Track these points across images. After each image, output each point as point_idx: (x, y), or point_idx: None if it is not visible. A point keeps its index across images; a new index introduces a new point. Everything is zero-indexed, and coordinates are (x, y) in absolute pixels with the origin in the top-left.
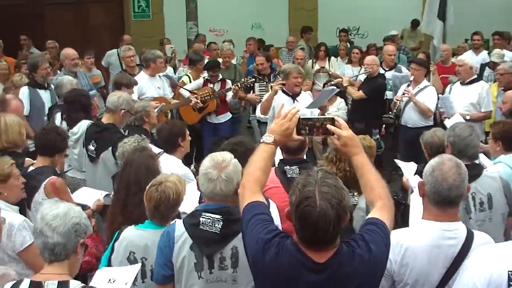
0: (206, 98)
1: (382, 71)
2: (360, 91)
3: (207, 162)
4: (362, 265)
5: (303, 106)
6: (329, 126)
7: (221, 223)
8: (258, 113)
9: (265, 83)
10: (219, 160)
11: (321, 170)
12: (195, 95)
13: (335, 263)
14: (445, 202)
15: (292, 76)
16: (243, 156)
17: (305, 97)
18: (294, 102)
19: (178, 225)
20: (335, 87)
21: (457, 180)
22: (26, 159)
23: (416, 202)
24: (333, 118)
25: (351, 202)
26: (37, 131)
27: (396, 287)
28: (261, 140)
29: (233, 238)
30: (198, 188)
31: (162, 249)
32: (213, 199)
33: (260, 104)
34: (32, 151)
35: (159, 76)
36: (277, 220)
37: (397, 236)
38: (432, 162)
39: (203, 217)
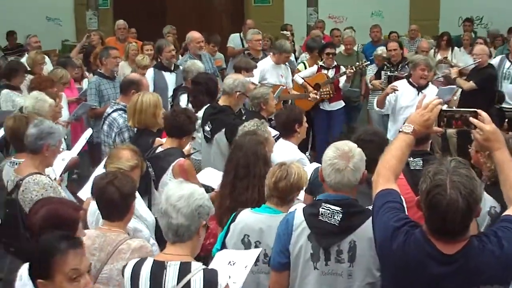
0: (325, 96)
1: (508, 64)
2: (471, 82)
3: (332, 152)
4: (492, 261)
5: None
6: (471, 119)
7: (341, 215)
8: (375, 105)
9: (390, 70)
10: (345, 149)
11: (454, 160)
12: (314, 91)
13: (463, 256)
14: None
15: (419, 68)
16: (381, 147)
17: (431, 91)
18: (418, 94)
19: (298, 213)
20: (454, 86)
21: None
22: (157, 139)
23: None
24: (475, 111)
25: (483, 194)
26: None
27: None
28: (400, 129)
29: (352, 231)
30: None
31: (281, 236)
32: (340, 190)
33: (377, 97)
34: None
35: (286, 64)
36: None
37: None
38: None
39: (322, 208)
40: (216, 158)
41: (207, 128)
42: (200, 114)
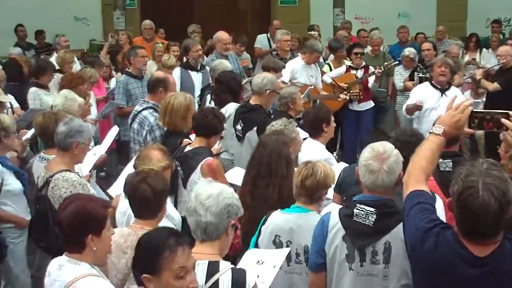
0: (355, 97)
1: None
2: (495, 83)
3: (367, 152)
4: None
5: None
6: (503, 121)
7: (375, 216)
8: (403, 108)
9: (422, 72)
10: (380, 151)
11: (486, 162)
12: (344, 92)
13: (495, 259)
14: None
15: (437, 66)
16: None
17: (455, 93)
18: (442, 96)
19: (334, 214)
20: (479, 100)
21: None
22: (184, 139)
23: None
24: (507, 112)
25: None
26: None
27: None
28: (431, 130)
29: (387, 232)
30: None
31: (317, 236)
32: (374, 191)
33: (405, 105)
34: None
35: (316, 65)
36: (441, 213)
37: None
38: None
39: (357, 209)
40: (247, 156)
41: (238, 127)
42: (223, 111)
